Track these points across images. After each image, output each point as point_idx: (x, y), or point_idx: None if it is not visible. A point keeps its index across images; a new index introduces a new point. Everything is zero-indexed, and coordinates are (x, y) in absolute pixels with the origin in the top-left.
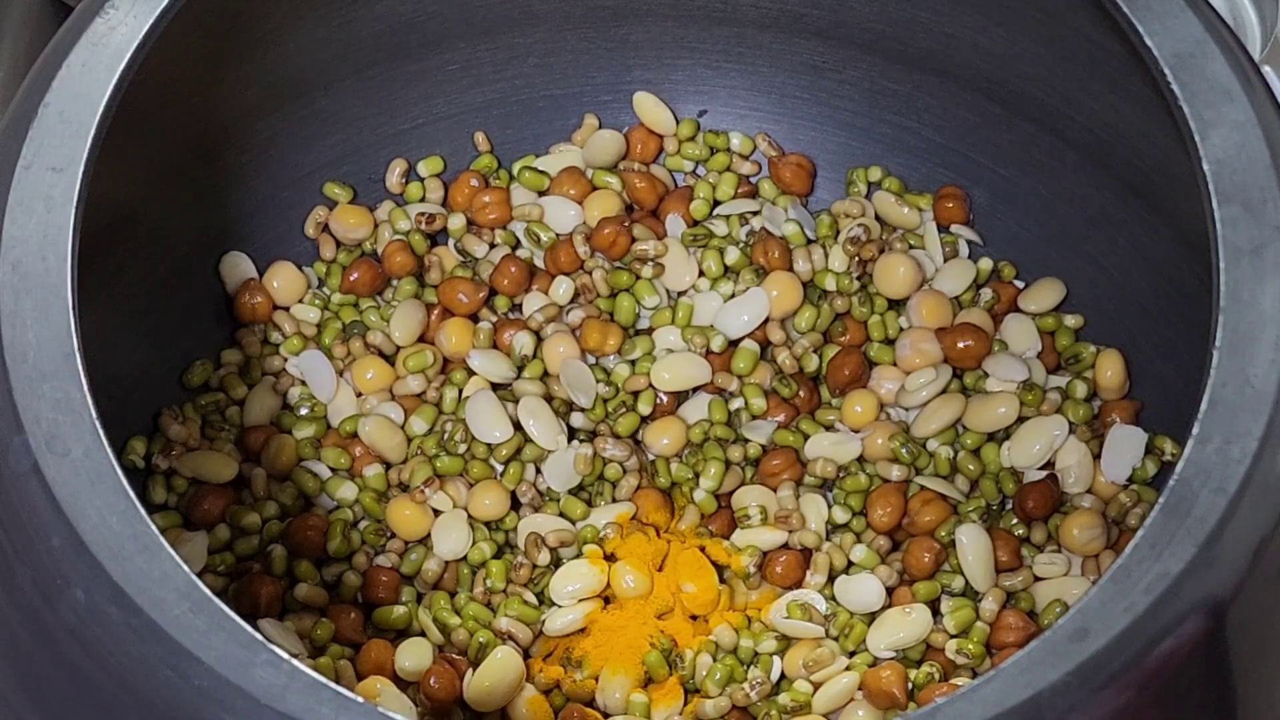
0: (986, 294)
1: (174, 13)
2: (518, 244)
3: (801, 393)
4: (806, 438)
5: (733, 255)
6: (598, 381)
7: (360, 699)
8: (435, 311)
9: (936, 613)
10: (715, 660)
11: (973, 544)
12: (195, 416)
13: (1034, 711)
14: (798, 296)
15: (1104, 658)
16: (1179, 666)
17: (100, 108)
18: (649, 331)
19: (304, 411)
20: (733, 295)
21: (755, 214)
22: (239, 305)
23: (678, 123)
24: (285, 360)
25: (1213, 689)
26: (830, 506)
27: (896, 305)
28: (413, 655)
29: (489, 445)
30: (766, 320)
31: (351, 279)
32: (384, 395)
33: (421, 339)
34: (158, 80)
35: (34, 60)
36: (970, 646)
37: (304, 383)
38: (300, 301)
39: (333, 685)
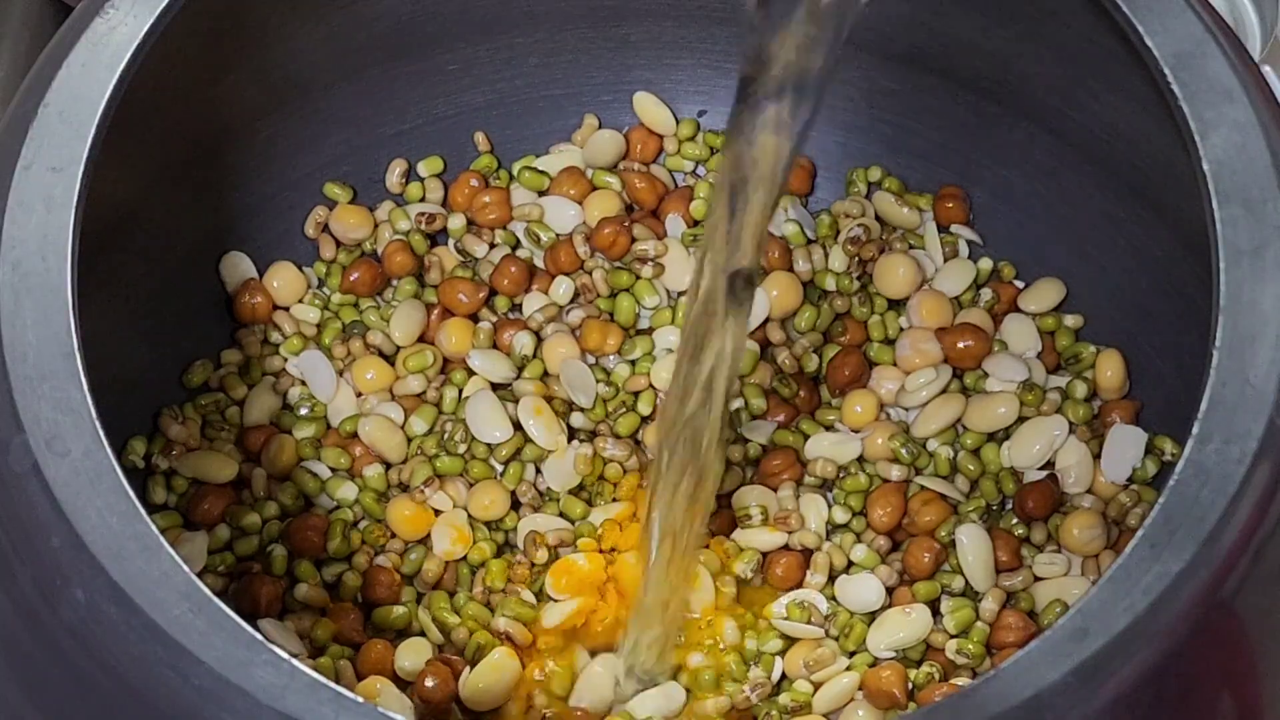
0: (986, 294)
1: (174, 13)
2: (517, 244)
3: (802, 393)
4: (806, 438)
5: None
6: (597, 381)
7: (360, 699)
8: (435, 311)
9: (936, 613)
10: (717, 656)
11: (973, 544)
12: (195, 416)
13: (1034, 711)
14: (798, 296)
15: (1104, 658)
16: (1179, 667)
17: (100, 108)
18: (649, 331)
19: (304, 411)
20: None
21: None
22: (239, 305)
23: (678, 123)
24: (285, 360)
25: (1213, 689)
26: (830, 506)
27: (896, 305)
28: (412, 655)
29: (489, 445)
30: (766, 320)
31: (351, 279)
32: (384, 395)
33: (421, 339)
34: (158, 80)
35: (34, 60)
36: (970, 646)
37: (304, 383)
38: (300, 301)
39: (333, 685)
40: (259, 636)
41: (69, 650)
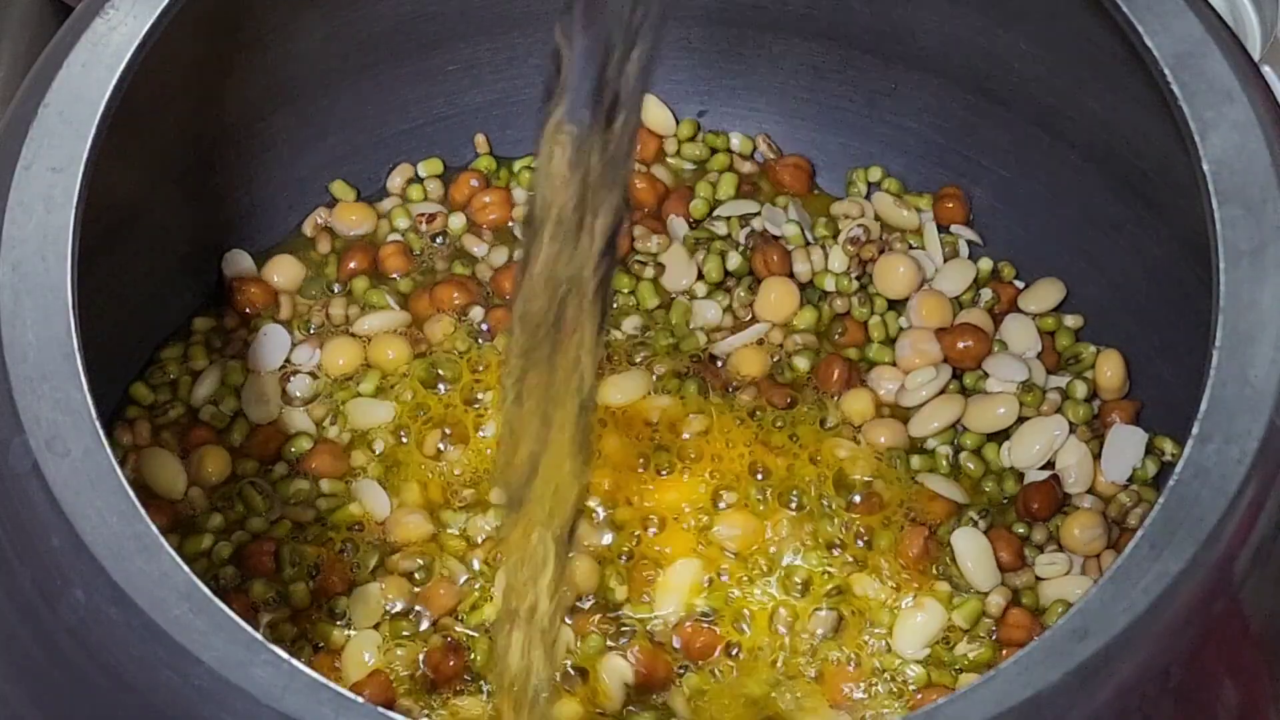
0: (986, 294)
1: (174, 13)
2: (516, 242)
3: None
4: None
5: (734, 261)
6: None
7: (360, 699)
8: (428, 305)
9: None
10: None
11: (969, 548)
12: (146, 414)
13: (1034, 711)
14: (794, 302)
15: (1104, 658)
16: (1179, 667)
17: (100, 108)
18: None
19: (298, 391)
20: (729, 306)
21: (755, 215)
22: (235, 298)
23: (678, 123)
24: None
25: (1214, 689)
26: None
27: (896, 305)
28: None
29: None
30: (766, 323)
31: (350, 267)
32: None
33: (415, 326)
34: (158, 80)
35: (34, 60)
36: (978, 644)
37: (310, 373)
38: (299, 293)
39: (333, 685)
40: (259, 637)
41: (69, 650)
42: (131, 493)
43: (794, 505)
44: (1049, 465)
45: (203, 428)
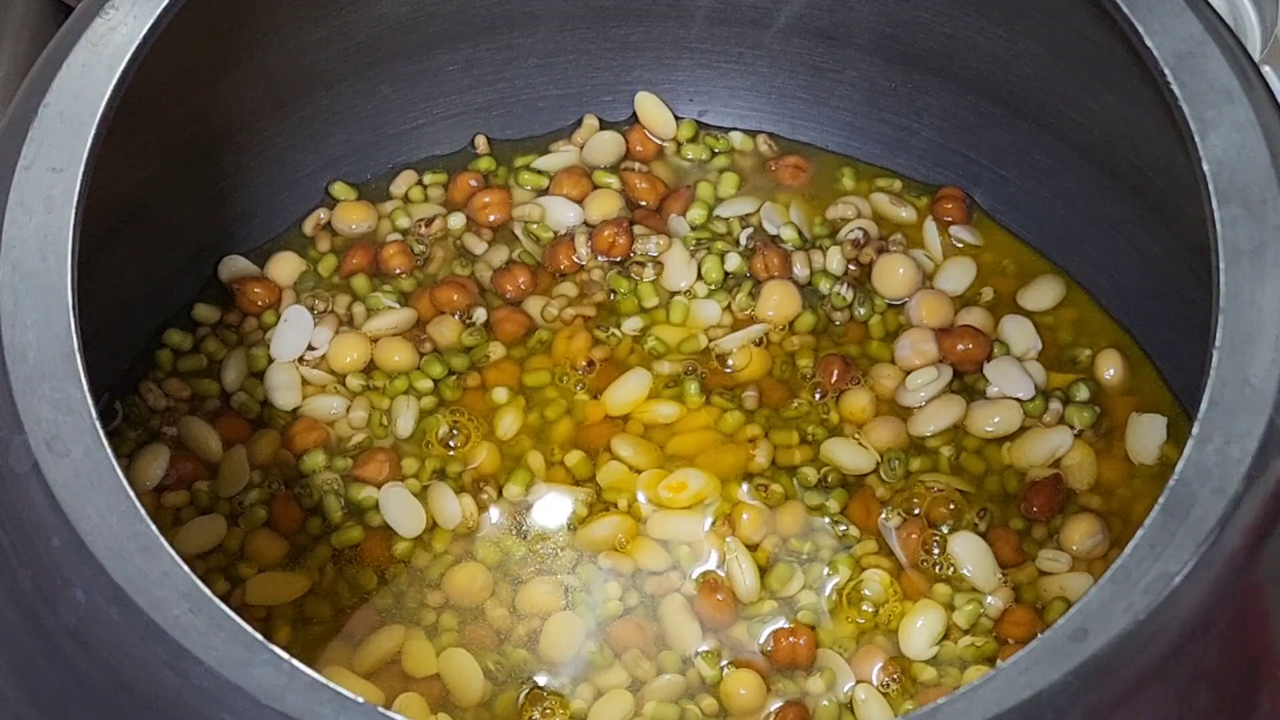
0: (987, 293)
1: (174, 13)
2: (516, 243)
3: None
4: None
5: (733, 261)
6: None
7: (360, 699)
8: (429, 306)
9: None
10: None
11: (969, 552)
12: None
13: (1034, 711)
14: (795, 305)
15: (1104, 658)
16: (1179, 667)
17: (100, 108)
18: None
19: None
20: (728, 306)
21: (755, 215)
22: (239, 299)
23: (678, 123)
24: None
25: (1213, 689)
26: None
27: (896, 304)
28: None
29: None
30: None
31: (352, 263)
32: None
33: (416, 325)
34: (158, 80)
35: (34, 60)
36: (980, 641)
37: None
38: (298, 288)
39: (333, 685)
40: (259, 636)
41: (69, 650)
42: (132, 493)
43: (794, 503)
44: (1053, 464)
45: (234, 416)
